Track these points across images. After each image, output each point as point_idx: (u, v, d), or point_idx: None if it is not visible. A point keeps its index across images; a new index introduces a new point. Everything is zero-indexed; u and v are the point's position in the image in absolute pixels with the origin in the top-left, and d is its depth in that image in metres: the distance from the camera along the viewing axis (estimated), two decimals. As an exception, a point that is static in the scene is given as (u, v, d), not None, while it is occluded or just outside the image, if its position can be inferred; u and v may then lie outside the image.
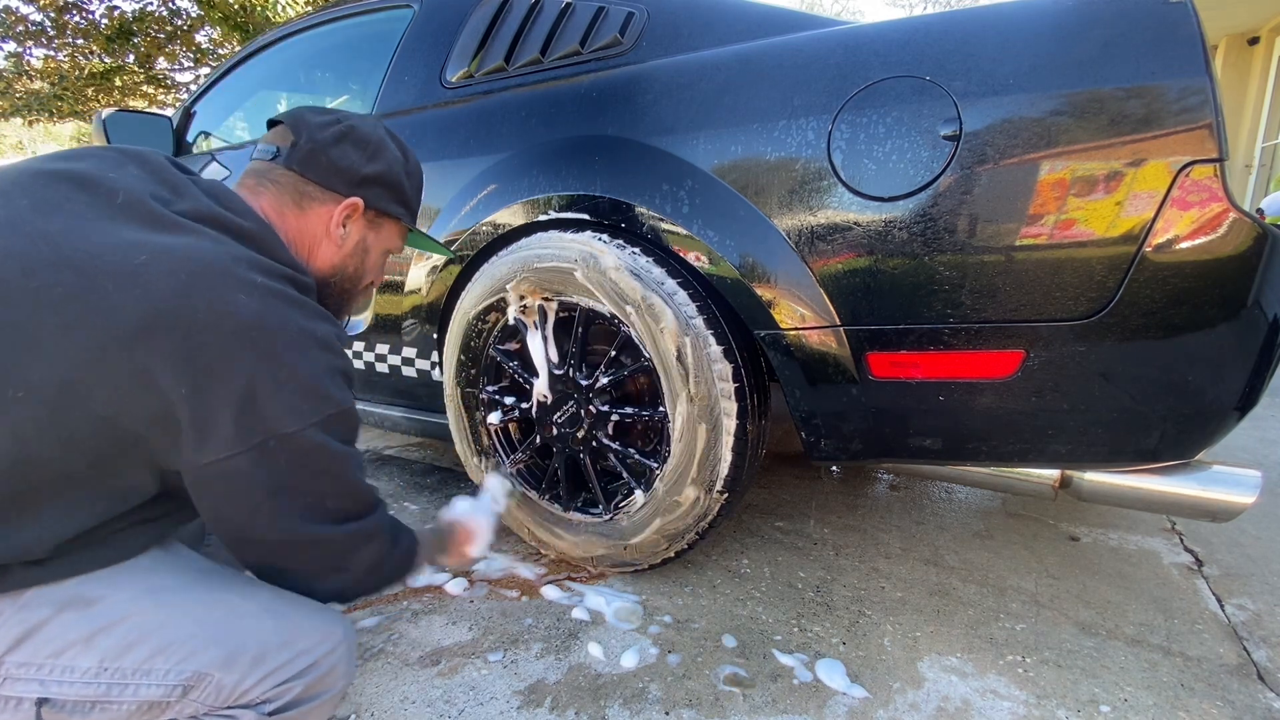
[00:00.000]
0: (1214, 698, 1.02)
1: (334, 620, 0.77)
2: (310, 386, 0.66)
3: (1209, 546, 1.53)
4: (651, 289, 1.09)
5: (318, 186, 0.80)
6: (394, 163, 0.86)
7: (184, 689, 0.66)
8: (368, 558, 0.75)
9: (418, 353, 1.48)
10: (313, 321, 0.69)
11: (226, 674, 0.67)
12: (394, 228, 0.90)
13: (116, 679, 0.64)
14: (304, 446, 0.66)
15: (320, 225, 0.81)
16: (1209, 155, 0.78)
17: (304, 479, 0.67)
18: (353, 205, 0.82)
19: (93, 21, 8.40)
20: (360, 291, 0.91)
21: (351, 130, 0.82)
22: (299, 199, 0.80)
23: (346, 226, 0.83)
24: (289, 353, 0.65)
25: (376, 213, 0.86)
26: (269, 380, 0.63)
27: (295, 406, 0.65)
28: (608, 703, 0.98)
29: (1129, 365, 0.87)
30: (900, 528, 1.61)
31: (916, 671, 1.07)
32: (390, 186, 0.86)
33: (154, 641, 0.66)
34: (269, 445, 0.63)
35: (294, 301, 0.68)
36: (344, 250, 0.84)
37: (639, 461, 1.22)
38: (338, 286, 0.87)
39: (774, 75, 1.04)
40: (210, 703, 0.67)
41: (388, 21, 1.68)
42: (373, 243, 0.88)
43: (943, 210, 0.89)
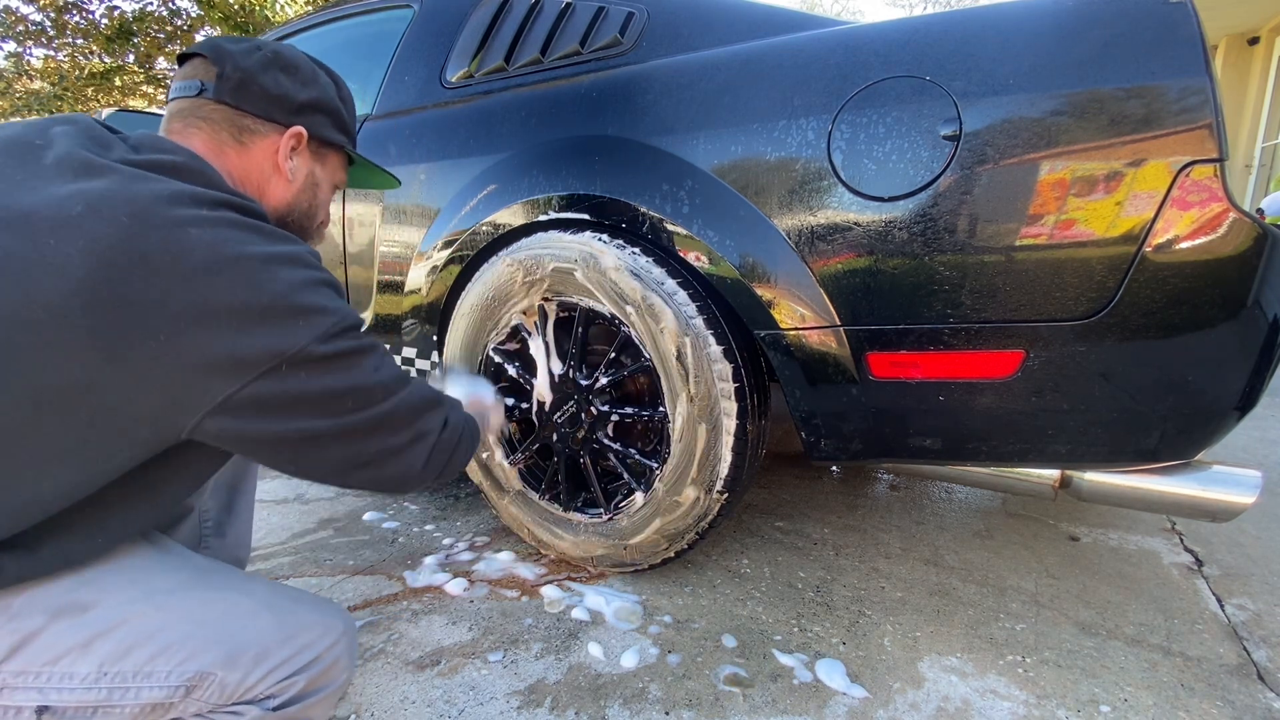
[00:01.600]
0: (1214, 698, 1.02)
1: (334, 613, 0.76)
2: (296, 305, 0.62)
3: (1209, 546, 1.53)
4: (651, 289, 1.09)
5: (255, 118, 0.74)
6: (328, 88, 0.81)
7: (186, 689, 0.65)
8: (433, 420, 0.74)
9: (418, 353, 1.48)
10: (272, 243, 0.64)
11: (229, 672, 0.66)
12: (338, 159, 0.86)
13: (117, 683, 0.63)
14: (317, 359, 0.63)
15: (267, 160, 0.76)
16: (1209, 155, 0.78)
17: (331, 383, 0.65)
18: (297, 134, 0.77)
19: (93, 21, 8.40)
20: (314, 231, 0.88)
21: (278, 55, 0.76)
22: (238, 134, 0.74)
23: (294, 159, 0.79)
24: (259, 276, 0.61)
25: (320, 142, 0.81)
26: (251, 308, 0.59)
27: (289, 326, 0.61)
28: (608, 703, 0.98)
29: (1129, 365, 0.87)
30: (900, 528, 1.61)
31: (916, 671, 1.07)
32: (329, 113, 0.81)
33: (153, 644, 0.65)
34: (280, 369, 0.61)
35: (246, 226, 0.63)
36: (295, 185, 0.80)
37: (639, 462, 1.22)
38: (293, 225, 0.83)
39: (774, 75, 1.04)
40: (214, 701, 0.67)
41: (388, 21, 1.68)
42: (321, 175, 0.84)
43: (943, 210, 0.89)
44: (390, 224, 1.45)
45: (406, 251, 1.42)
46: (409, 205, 1.42)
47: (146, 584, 0.68)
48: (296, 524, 1.61)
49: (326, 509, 1.70)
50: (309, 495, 1.78)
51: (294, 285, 0.63)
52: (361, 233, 1.51)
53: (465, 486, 1.86)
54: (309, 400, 0.63)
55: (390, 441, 0.70)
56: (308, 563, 1.41)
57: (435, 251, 1.36)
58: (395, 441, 0.71)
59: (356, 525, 1.60)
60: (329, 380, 0.64)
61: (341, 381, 0.65)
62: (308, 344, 0.62)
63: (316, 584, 1.33)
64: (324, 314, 0.64)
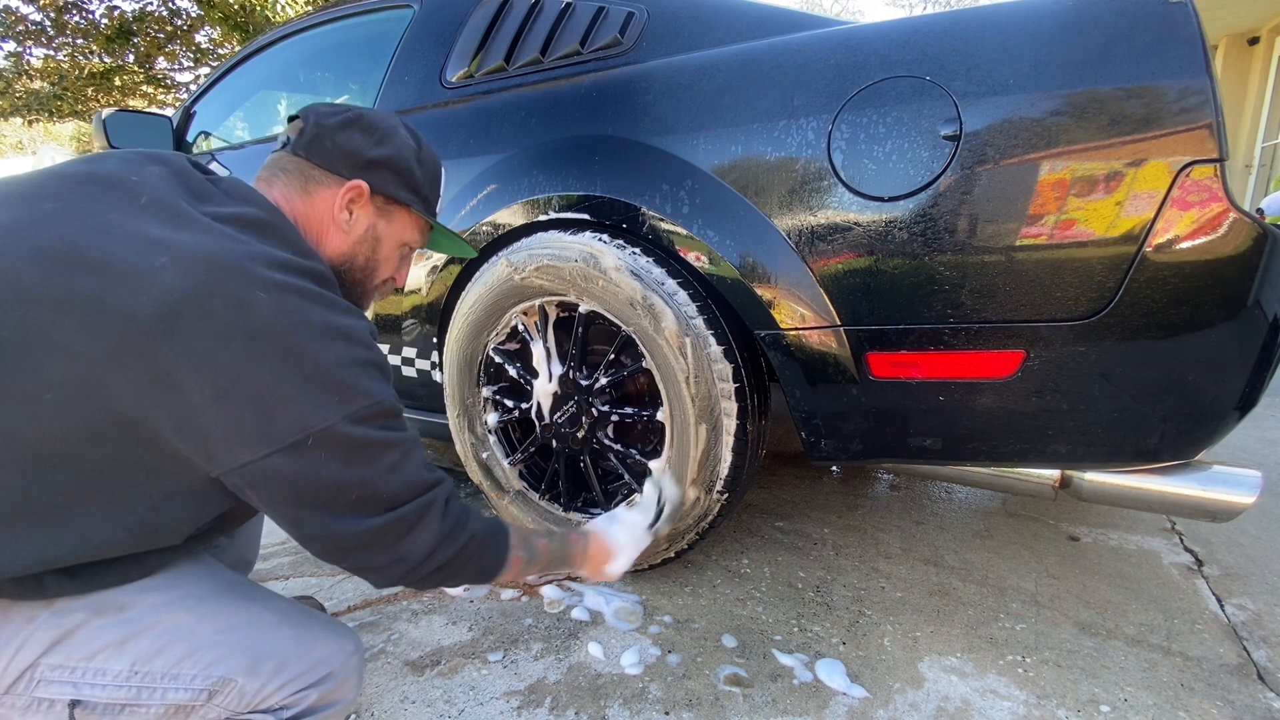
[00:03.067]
0: (1214, 698, 1.02)
1: (348, 634, 0.79)
2: (337, 381, 0.64)
3: (1209, 546, 1.53)
4: (651, 289, 1.09)
5: (322, 170, 0.78)
6: (403, 148, 0.82)
7: (210, 693, 0.68)
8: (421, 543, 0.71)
9: (418, 353, 1.48)
10: (335, 315, 0.67)
11: (250, 680, 0.69)
12: (407, 218, 0.86)
13: (146, 682, 0.66)
14: (339, 440, 0.64)
15: (325, 210, 0.79)
16: (1209, 155, 0.78)
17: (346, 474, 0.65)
18: (356, 188, 0.79)
19: (93, 21, 8.40)
20: (376, 287, 0.88)
21: (360, 117, 0.80)
22: (304, 184, 0.78)
23: (353, 212, 0.80)
24: (311, 347, 0.63)
25: (385, 199, 0.82)
26: (294, 377, 0.61)
27: (325, 401, 0.63)
28: (608, 703, 0.98)
29: (1129, 365, 0.87)
30: (900, 528, 1.61)
31: (916, 671, 1.07)
32: (398, 171, 0.82)
33: (183, 647, 0.67)
34: (306, 443, 0.62)
35: (314, 296, 0.66)
36: (352, 237, 0.81)
37: (639, 462, 1.22)
38: (349, 277, 0.84)
39: (774, 75, 1.04)
40: (233, 708, 0.69)
41: (388, 21, 1.68)
42: (384, 232, 0.84)
43: (943, 210, 0.89)
44: (390, 224, 1.45)
45: (406, 251, 1.42)
46: (409, 205, 1.42)
47: (180, 589, 0.71)
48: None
49: (326, 509, 1.70)
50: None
51: (341, 361, 0.65)
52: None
53: (465, 486, 1.86)
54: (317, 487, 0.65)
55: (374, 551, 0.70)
56: (308, 562, 1.41)
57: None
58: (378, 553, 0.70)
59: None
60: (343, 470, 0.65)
61: (354, 474, 0.66)
62: (337, 421, 0.63)
63: (316, 584, 1.33)
64: (361, 395, 0.65)
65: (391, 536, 0.70)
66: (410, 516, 0.70)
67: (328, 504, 0.66)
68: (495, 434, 1.40)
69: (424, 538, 0.71)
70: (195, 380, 0.59)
